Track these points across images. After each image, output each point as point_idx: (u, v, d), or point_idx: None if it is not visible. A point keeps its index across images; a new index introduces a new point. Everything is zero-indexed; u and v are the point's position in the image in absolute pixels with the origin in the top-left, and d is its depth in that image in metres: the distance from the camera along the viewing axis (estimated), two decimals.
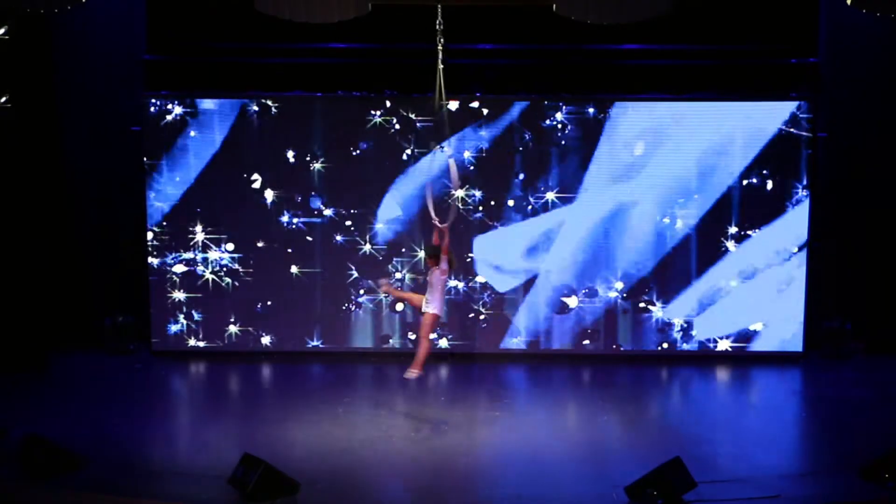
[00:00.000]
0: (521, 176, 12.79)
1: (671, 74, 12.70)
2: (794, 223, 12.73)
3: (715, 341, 12.96)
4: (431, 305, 10.29)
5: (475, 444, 10.04)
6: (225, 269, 12.96)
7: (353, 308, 13.00)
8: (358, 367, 12.73)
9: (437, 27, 9.96)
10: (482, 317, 13.00)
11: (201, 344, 13.04)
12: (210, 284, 12.97)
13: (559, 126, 12.65)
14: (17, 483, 8.77)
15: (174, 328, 13.01)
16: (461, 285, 12.90)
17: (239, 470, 8.62)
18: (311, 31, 11.15)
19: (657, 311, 12.94)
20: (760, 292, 12.85)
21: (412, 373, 10.33)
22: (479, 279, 12.93)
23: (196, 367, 12.77)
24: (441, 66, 9.96)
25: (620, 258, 12.90)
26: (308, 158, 12.80)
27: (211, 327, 13.03)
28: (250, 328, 13.03)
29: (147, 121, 12.72)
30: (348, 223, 12.88)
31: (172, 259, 12.93)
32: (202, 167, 12.84)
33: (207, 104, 12.77)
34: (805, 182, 12.67)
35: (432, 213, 10.31)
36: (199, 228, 12.90)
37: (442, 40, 9.94)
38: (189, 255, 12.94)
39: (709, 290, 12.88)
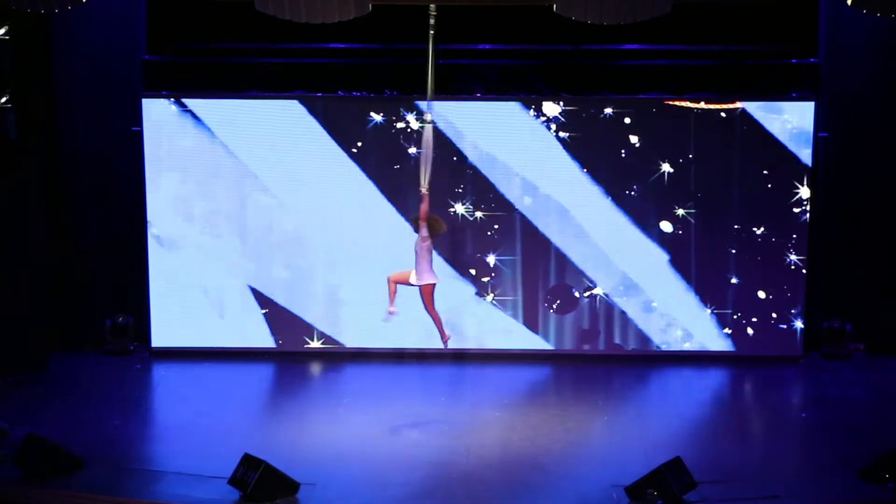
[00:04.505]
0: (520, 174, 12.81)
1: (671, 74, 12.69)
2: (794, 223, 12.73)
3: (715, 341, 12.95)
4: (425, 276, 10.42)
5: (475, 444, 10.04)
6: (225, 268, 12.96)
7: (353, 308, 12.99)
8: (358, 367, 12.73)
9: (430, 20, 10.03)
10: (481, 317, 13.03)
11: (201, 344, 13.03)
12: (210, 284, 12.97)
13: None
14: (17, 483, 8.78)
15: (174, 328, 13.01)
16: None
17: (239, 470, 8.63)
18: (311, 31, 11.13)
19: (656, 311, 12.94)
20: (760, 292, 12.85)
21: (445, 338, 10.78)
22: (484, 279, 12.96)
23: (196, 368, 12.77)
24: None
25: (620, 258, 12.89)
26: (308, 158, 12.80)
27: (211, 327, 13.02)
28: (251, 328, 13.02)
29: (147, 121, 12.71)
30: (348, 223, 12.88)
31: (172, 259, 12.93)
32: (202, 167, 12.84)
33: (207, 104, 12.77)
34: (805, 182, 12.67)
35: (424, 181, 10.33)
36: (199, 228, 12.91)
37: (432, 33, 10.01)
38: (189, 254, 12.94)
39: (709, 289, 12.88)
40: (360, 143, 12.75)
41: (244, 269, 12.96)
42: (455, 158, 12.71)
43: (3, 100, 11.57)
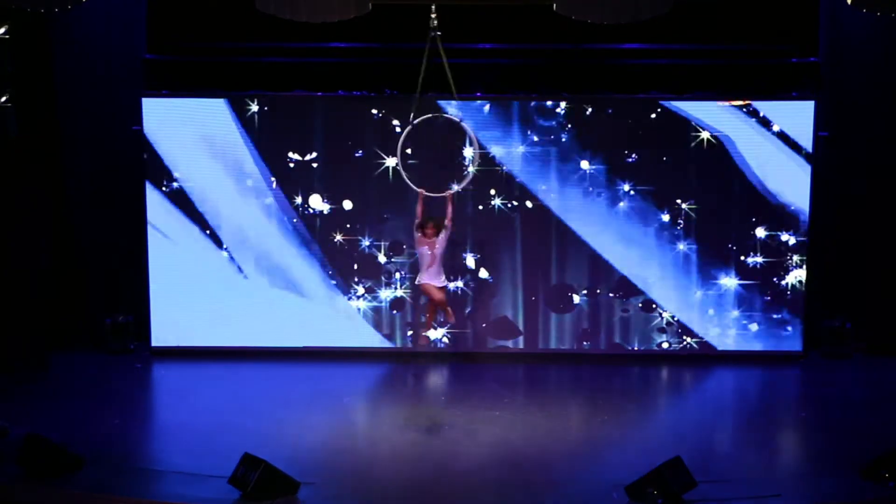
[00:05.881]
0: (522, 174, 12.82)
1: (671, 74, 12.70)
2: (794, 222, 12.74)
3: (715, 341, 12.95)
4: (440, 278, 10.73)
5: (475, 444, 10.04)
6: (226, 267, 12.97)
7: (353, 307, 13.00)
8: (358, 367, 12.73)
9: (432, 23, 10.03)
10: (482, 316, 13.03)
11: (201, 343, 13.03)
12: (211, 283, 12.97)
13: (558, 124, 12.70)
14: (17, 483, 8.78)
15: (174, 328, 13.00)
16: (460, 283, 12.91)
17: (239, 469, 8.63)
18: (311, 31, 11.15)
19: (656, 310, 12.94)
20: (761, 291, 12.85)
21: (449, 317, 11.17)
22: (482, 274, 12.97)
23: (196, 367, 12.77)
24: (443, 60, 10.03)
25: (620, 257, 12.90)
26: (308, 158, 12.81)
27: (211, 327, 13.01)
28: (251, 327, 13.02)
29: (147, 120, 12.71)
30: (348, 223, 12.89)
31: (173, 258, 12.92)
32: (202, 167, 12.84)
33: (207, 104, 12.77)
34: (805, 181, 12.66)
35: (414, 186, 10.52)
36: (199, 227, 12.91)
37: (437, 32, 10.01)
38: (189, 253, 12.94)
39: (709, 289, 12.88)
40: (359, 142, 12.77)
41: (244, 269, 12.96)
42: (455, 158, 12.71)
43: (4, 99, 11.56)
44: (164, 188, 12.79)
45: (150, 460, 9.67)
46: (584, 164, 12.77)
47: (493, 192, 12.82)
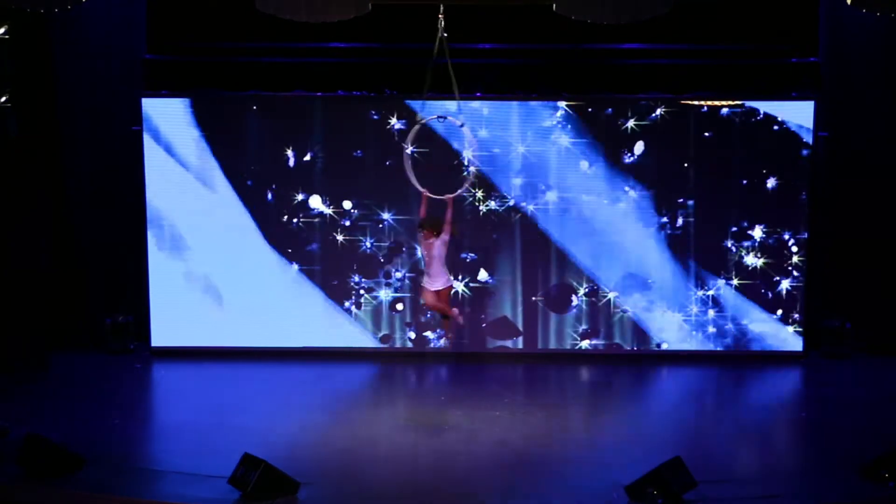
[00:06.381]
0: (520, 174, 12.83)
1: (671, 74, 12.71)
2: (794, 222, 12.74)
3: (715, 341, 12.96)
4: (441, 280, 10.65)
5: (475, 444, 10.04)
6: (225, 267, 12.97)
7: (352, 307, 13.01)
8: (358, 367, 12.73)
9: (440, 24, 9.98)
10: (482, 316, 13.02)
11: (201, 343, 13.03)
12: (210, 284, 12.97)
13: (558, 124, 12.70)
14: (17, 483, 8.78)
15: (174, 327, 13.00)
16: (461, 286, 12.91)
17: (239, 470, 8.63)
18: (311, 31, 11.15)
19: (656, 310, 12.94)
20: (760, 291, 12.85)
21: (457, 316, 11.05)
22: (481, 276, 12.98)
23: (196, 367, 12.77)
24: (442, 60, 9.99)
25: (620, 257, 12.90)
26: (308, 158, 12.81)
27: (211, 326, 13.02)
28: (251, 327, 13.02)
29: (147, 120, 12.72)
30: (347, 222, 12.89)
31: (172, 258, 12.93)
32: (202, 167, 12.84)
33: (207, 104, 12.77)
34: (805, 181, 12.67)
35: (416, 184, 10.36)
36: (198, 228, 12.91)
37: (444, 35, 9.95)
38: (189, 253, 12.95)
39: (709, 289, 12.89)
40: (359, 142, 12.78)
41: (244, 268, 12.97)
42: (455, 159, 12.72)
43: (4, 99, 11.56)
44: (163, 188, 12.80)
45: (150, 460, 9.67)
46: (584, 165, 12.78)
47: (492, 192, 12.83)
